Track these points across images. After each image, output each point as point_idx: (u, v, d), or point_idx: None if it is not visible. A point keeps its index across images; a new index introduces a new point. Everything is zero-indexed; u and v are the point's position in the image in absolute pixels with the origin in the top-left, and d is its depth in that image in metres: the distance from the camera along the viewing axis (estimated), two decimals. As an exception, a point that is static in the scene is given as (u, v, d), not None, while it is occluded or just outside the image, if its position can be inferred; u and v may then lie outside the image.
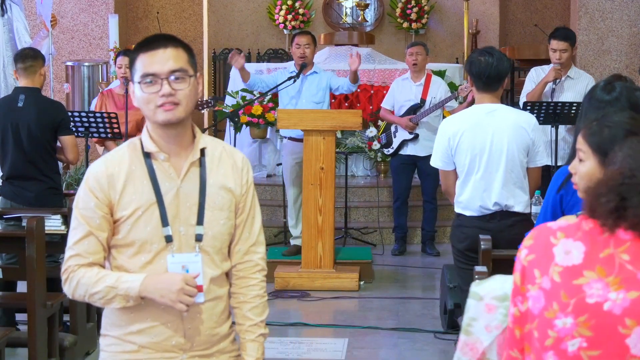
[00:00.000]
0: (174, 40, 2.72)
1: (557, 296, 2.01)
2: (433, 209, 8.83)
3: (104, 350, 2.81)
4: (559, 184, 3.67)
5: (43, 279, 5.32)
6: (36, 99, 6.22)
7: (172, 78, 2.65)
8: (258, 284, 2.86)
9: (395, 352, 6.10)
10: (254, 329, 2.85)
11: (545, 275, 2.04)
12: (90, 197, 2.71)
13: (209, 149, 2.78)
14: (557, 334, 2.00)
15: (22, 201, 6.17)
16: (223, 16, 13.38)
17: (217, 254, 2.77)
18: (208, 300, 2.74)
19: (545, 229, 2.11)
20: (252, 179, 2.86)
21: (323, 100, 8.22)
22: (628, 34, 10.50)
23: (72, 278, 2.72)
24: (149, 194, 2.70)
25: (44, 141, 6.22)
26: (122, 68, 7.87)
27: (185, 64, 2.68)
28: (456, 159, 4.97)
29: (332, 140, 7.49)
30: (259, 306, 2.86)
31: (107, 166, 2.74)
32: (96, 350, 6.06)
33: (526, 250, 2.11)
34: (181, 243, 2.71)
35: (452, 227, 5.16)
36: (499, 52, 4.97)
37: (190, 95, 2.68)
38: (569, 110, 7.24)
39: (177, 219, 2.71)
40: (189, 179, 2.73)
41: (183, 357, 2.75)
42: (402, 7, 13.23)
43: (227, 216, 2.77)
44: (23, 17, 8.35)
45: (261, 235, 2.88)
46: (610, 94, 3.62)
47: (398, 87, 8.78)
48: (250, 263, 2.85)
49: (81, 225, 2.72)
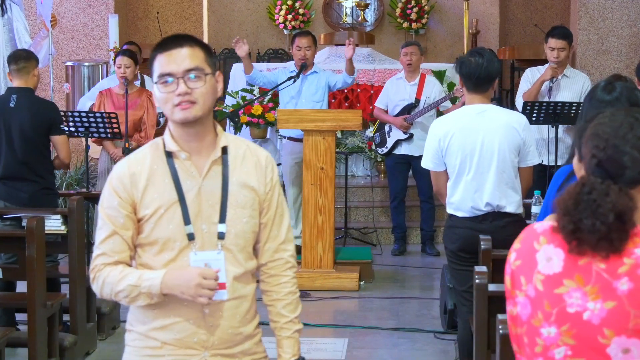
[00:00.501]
0: (190, 39, 2.74)
1: (541, 305, 2.01)
2: (430, 208, 8.83)
3: (128, 345, 2.84)
4: (559, 183, 3.67)
5: (43, 279, 5.32)
6: (28, 99, 6.20)
7: (188, 77, 2.68)
8: (290, 281, 2.89)
9: (395, 352, 6.10)
10: (289, 325, 2.88)
11: (530, 283, 2.04)
12: (114, 196, 2.75)
13: (232, 148, 2.79)
14: (544, 342, 2.00)
15: (15, 202, 6.16)
16: (223, 16, 13.38)
17: (241, 252, 2.78)
18: (231, 298, 2.75)
19: (531, 232, 2.10)
20: (277, 177, 2.86)
21: (322, 99, 8.26)
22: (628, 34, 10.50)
23: (99, 277, 2.75)
24: (171, 192, 2.73)
25: (37, 141, 6.21)
26: (121, 68, 7.86)
27: (201, 62, 2.70)
28: (447, 160, 4.96)
29: (332, 140, 7.49)
30: (292, 303, 2.89)
31: (129, 166, 2.77)
32: (96, 350, 6.07)
33: (514, 254, 2.11)
34: (204, 241, 2.73)
35: (445, 228, 5.16)
36: (489, 53, 4.97)
37: (207, 93, 2.70)
38: (569, 110, 7.25)
39: (199, 217, 2.73)
40: (211, 177, 2.75)
41: (205, 354, 2.76)
42: (402, 7, 13.23)
43: (250, 214, 2.78)
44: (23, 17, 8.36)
45: (290, 232, 2.90)
46: (610, 94, 3.62)
47: (392, 87, 8.78)
48: (280, 261, 2.88)
49: (106, 225, 2.76)
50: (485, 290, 4.14)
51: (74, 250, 5.73)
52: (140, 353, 2.79)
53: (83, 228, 6.01)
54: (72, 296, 5.76)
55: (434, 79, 9.04)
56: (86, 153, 7.71)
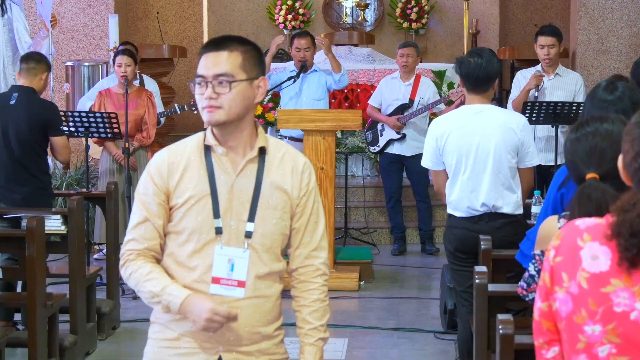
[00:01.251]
0: (235, 42, 2.78)
1: (585, 303, 1.99)
2: (427, 207, 8.84)
3: (150, 338, 2.89)
4: (560, 182, 3.67)
5: (43, 279, 5.33)
6: (28, 99, 6.19)
7: (217, 82, 2.72)
8: (318, 288, 2.90)
9: (395, 352, 6.10)
10: (313, 332, 2.88)
11: (573, 280, 2.01)
12: (150, 183, 2.80)
13: (271, 149, 2.83)
14: (587, 339, 1.99)
15: (10, 202, 6.16)
16: (223, 16, 13.38)
17: (266, 253, 2.80)
18: (252, 297, 2.78)
19: (573, 229, 2.06)
20: (314, 184, 2.89)
21: (323, 97, 8.30)
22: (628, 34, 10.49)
23: (127, 267, 2.81)
24: (204, 184, 2.77)
25: (33, 141, 6.19)
26: (121, 67, 7.84)
27: (234, 68, 2.74)
28: (444, 159, 4.97)
29: (332, 140, 7.49)
30: (319, 310, 2.89)
31: (169, 155, 2.83)
32: (96, 350, 6.07)
33: (554, 251, 2.07)
34: (230, 237, 2.77)
35: (445, 228, 5.18)
36: (489, 54, 4.97)
37: (233, 99, 2.73)
38: (569, 110, 7.25)
39: (229, 213, 2.77)
40: (245, 175, 2.79)
41: (219, 349, 2.79)
42: (402, 7, 13.22)
43: (280, 216, 2.81)
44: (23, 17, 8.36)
45: (323, 240, 2.91)
46: (612, 94, 3.62)
47: (387, 86, 8.78)
48: (311, 267, 2.90)
49: (140, 211, 2.81)
50: (485, 290, 4.14)
51: (74, 250, 5.73)
52: (159, 345, 2.84)
53: (83, 228, 6.01)
54: (72, 296, 5.76)
55: (428, 80, 9.04)
56: (86, 153, 7.70)
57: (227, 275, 2.75)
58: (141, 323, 6.60)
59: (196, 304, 2.70)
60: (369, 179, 10.20)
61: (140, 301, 7.71)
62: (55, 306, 5.46)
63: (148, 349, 2.88)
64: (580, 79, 7.62)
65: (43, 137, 6.24)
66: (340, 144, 9.74)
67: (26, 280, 5.33)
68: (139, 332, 6.48)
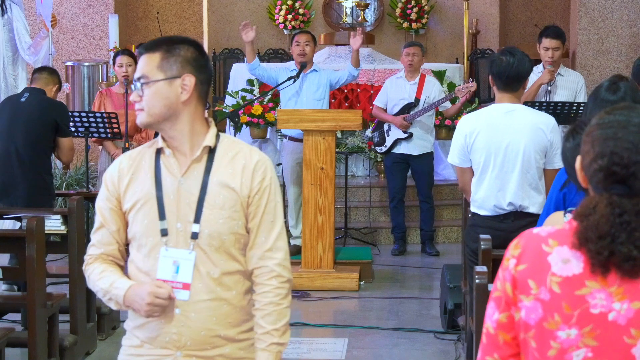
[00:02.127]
0: (156, 45, 2.78)
1: (558, 307, 1.96)
2: (429, 208, 8.83)
3: (122, 344, 2.90)
4: (562, 182, 3.67)
5: (43, 279, 5.32)
6: (39, 98, 6.24)
7: (139, 84, 2.75)
8: (272, 291, 2.78)
9: (395, 352, 6.09)
10: (265, 337, 2.78)
11: (543, 286, 1.98)
12: (104, 189, 2.83)
13: (221, 149, 2.79)
14: (560, 345, 1.96)
15: (12, 201, 6.17)
16: (223, 16, 13.38)
17: (217, 253, 2.74)
18: (206, 299, 2.73)
19: (534, 236, 2.04)
20: (268, 183, 2.79)
21: (323, 97, 8.25)
22: (628, 34, 10.49)
23: (86, 270, 2.85)
24: (150, 187, 2.76)
25: (41, 139, 6.22)
26: (122, 67, 7.86)
27: (151, 69, 2.73)
28: (472, 156, 4.97)
29: (332, 140, 7.49)
30: (272, 314, 2.77)
31: (122, 160, 2.84)
32: (96, 350, 6.07)
33: (514, 260, 2.04)
34: (177, 239, 2.74)
35: (467, 227, 5.17)
36: (521, 53, 4.98)
37: (151, 100, 2.73)
38: (569, 110, 7.25)
39: (175, 215, 2.74)
40: (192, 176, 2.76)
41: (177, 354, 2.74)
42: (402, 7, 13.22)
43: (229, 215, 2.74)
44: (23, 17, 8.36)
45: (280, 241, 2.81)
46: (615, 94, 3.62)
47: (392, 86, 8.78)
48: (265, 269, 2.79)
49: (97, 217, 2.85)
50: (485, 290, 4.13)
51: (74, 250, 5.73)
52: (126, 352, 2.84)
53: (83, 228, 6.01)
54: (72, 296, 5.75)
55: (433, 78, 9.04)
56: (86, 153, 7.71)
57: (171, 277, 2.71)
58: (141, 323, 6.60)
59: (136, 291, 2.70)
60: (370, 179, 10.20)
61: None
62: (55, 306, 5.46)
63: (119, 356, 2.87)
64: (581, 78, 7.62)
65: (51, 137, 6.27)
66: (340, 144, 9.74)
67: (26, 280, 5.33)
68: (139, 332, 6.48)
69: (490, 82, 5.04)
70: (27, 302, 5.23)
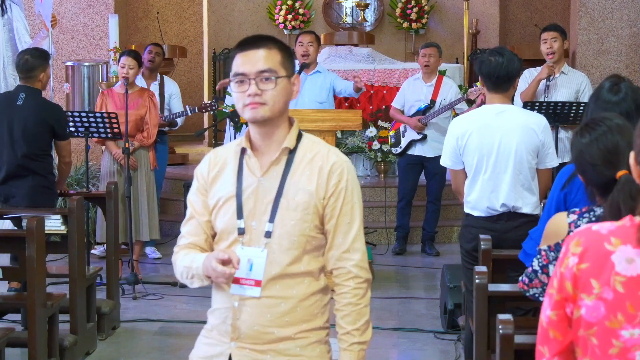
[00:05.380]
0: (269, 40, 2.82)
1: (622, 307, 1.95)
2: (435, 210, 8.83)
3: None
4: (563, 181, 3.67)
5: (43, 279, 5.32)
6: (36, 100, 6.23)
7: (260, 78, 2.75)
8: (350, 292, 2.83)
9: (395, 352, 6.10)
10: (346, 337, 2.83)
11: (606, 286, 1.96)
12: (195, 181, 2.91)
13: (301, 150, 2.84)
14: (623, 344, 1.95)
15: (14, 202, 6.17)
16: (223, 16, 13.38)
17: (284, 254, 2.79)
18: (263, 297, 2.78)
19: (595, 234, 2.01)
20: (345, 184, 2.82)
21: (326, 99, 8.21)
22: (628, 34, 10.49)
23: (174, 262, 2.90)
24: (232, 186, 2.83)
25: (39, 141, 6.22)
26: (124, 68, 7.88)
27: (275, 64, 2.78)
28: (464, 158, 4.97)
29: (332, 140, 7.48)
30: (351, 314, 2.83)
31: (212, 155, 2.92)
32: (96, 350, 6.06)
33: (576, 258, 2.01)
34: (252, 237, 2.80)
35: (461, 227, 5.18)
36: (509, 53, 4.97)
37: (277, 95, 2.79)
38: (569, 110, 7.25)
39: (252, 214, 2.81)
40: (271, 176, 2.82)
41: (231, 345, 2.82)
42: (402, 7, 13.22)
43: (301, 218, 2.79)
44: (23, 17, 8.35)
45: (357, 242, 2.84)
46: (617, 95, 3.63)
47: (409, 87, 8.77)
48: (342, 270, 2.84)
49: (188, 208, 2.92)
50: (485, 290, 4.14)
51: (74, 250, 5.73)
52: (202, 333, 2.94)
53: (83, 228, 6.02)
54: (72, 296, 5.75)
55: (450, 80, 9.03)
56: (86, 153, 7.71)
57: (246, 275, 2.78)
58: (141, 323, 6.61)
59: (209, 258, 2.75)
60: (369, 179, 10.20)
61: (140, 301, 7.74)
62: (55, 306, 5.46)
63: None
64: (585, 79, 7.61)
65: (49, 139, 6.28)
66: (340, 144, 9.74)
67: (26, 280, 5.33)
68: (139, 332, 6.48)
69: (480, 83, 5.03)
70: (27, 302, 5.23)
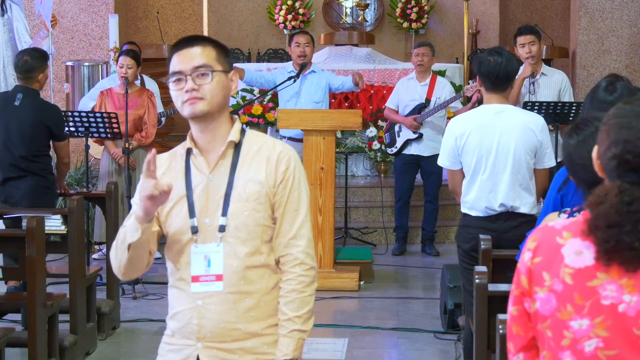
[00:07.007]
0: (203, 39, 2.84)
1: (570, 298, 2.00)
2: (434, 209, 8.83)
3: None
4: (560, 183, 3.68)
5: (43, 279, 5.32)
6: (33, 101, 6.23)
7: (197, 74, 2.76)
8: (295, 279, 2.83)
9: (395, 352, 6.10)
10: (287, 323, 2.82)
11: (556, 278, 2.02)
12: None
13: (245, 143, 2.85)
14: (573, 335, 1.99)
15: (14, 202, 6.17)
16: (223, 16, 13.38)
17: (242, 246, 2.79)
18: (227, 292, 2.77)
19: (549, 230, 2.07)
20: (292, 172, 2.84)
21: (323, 99, 8.23)
22: (628, 34, 10.50)
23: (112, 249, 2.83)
24: (181, 187, 2.82)
25: (36, 142, 6.22)
26: (123, 68, 7.89)
27: (211, 60, 2.78)
28: (463, 158, 4.96)
29: (332, 140, 7.49)
30: (294, 301, 2.82)
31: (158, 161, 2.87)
32: (96, 350, 6.07)
33: (530, 253, 2.08)
34: (206, 234, 2.79)
35: (458, 227, 5.16)
36: (508, 52, 4.97)
37: (214, 89, 2.77)
38: (569, 110, 7.26)
39: (204, 211, 2.80)
40: (219, 172, 2.82)
41: (198, 345, 2.79)
42: (402, 7, 13.22)
43: (254, 207, 2.79)
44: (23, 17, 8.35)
45: (303, 229, 2.85)
46: (612, 95, 3.63)
47: (403, 87, 8.78)
48: (289, 257, 2.84)
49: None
50: (485, 290, 4.14)
51: (74, 250, 5.73)
52: (163, 340, 2.91)
53: (83, 228, 6.01)
54: (72, 296, 5.76)
55: (444, 79, 9.04)
56: (86, 153, 7.71)
57: (205, 271, 2.77)
58: (141, 323, 6.61)
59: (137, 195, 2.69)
60: (369, 179, 10.20)
61: (140, 301, 7.76)
62: (55, 306, 5.46)
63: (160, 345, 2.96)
64: (565, 77, 7.63)
65: (47, 140, 6.28)
66: (340, 144, 9.75)
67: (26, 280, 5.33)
68: (139, 332, 6.48)
69: (478, 83, 5.03)
70: (27, 302, 5.23)
